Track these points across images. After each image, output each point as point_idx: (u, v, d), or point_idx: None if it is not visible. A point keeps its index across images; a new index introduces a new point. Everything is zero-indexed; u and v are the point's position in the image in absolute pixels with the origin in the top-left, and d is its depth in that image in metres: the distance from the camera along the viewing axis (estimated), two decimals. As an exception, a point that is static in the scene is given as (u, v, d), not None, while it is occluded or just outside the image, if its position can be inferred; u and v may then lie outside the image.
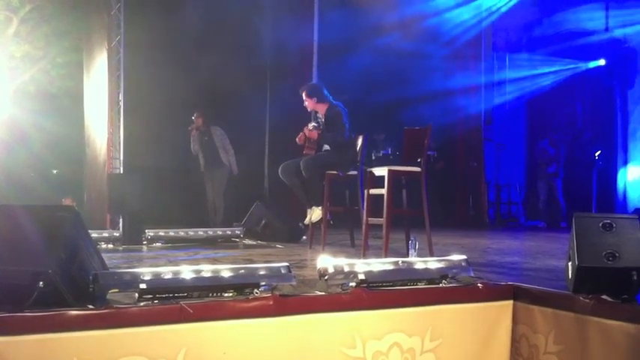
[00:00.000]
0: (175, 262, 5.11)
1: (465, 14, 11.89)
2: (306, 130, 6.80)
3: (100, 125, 9.45)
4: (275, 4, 10.43)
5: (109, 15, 9.32)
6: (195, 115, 9.65)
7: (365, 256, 5.46)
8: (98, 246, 4.46)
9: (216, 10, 10.55)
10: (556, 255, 5.84)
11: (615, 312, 3.09)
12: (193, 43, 10.44)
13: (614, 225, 3.30)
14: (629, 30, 12.05)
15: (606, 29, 12.18)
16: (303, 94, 6.83)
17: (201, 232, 7.59)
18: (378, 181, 5.67)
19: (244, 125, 10.82)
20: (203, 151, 9.72)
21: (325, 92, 6.84)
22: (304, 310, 3.25)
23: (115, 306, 2.92)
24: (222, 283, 3.21)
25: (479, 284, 3.71)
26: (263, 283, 3.28)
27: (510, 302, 3.69)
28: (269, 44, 11.15)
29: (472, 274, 3.82)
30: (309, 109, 6.93)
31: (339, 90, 7.55)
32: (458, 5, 11.73)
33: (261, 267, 3.38)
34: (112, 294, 3.07)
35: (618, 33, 12.20)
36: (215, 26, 10.62)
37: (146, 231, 7.22)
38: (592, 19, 12.25)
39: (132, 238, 7.16)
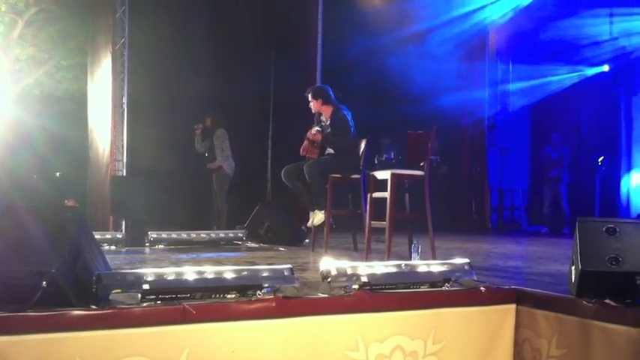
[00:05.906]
0: (178, 264, 5.12)
1: (470, 20, 11.91)
2: (309, 134, 6.83)
3: (104, 128, 9.46)
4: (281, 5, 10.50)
5: (113, 18, 9.34)
6: (207, 117, 9.69)
7: (368, 259, 5.45)
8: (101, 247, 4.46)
9: (221, 12, 10.58)
10: (559, 260, 5.83)
11: (618, 316, 3.08)
12: (198, 46, 10.46)
13: (618, 229, 3.30)
14: (633, 38, 12.04)
15: (610, 36, 12.16)
16: (309, 96, 6.88)
17: (203, 234, 7.59)
18: (381, 185, 5.67)
19: (247, 128, 10.84)
20: (207, 153, 9.75)
21: (331, 95, 6.85)
22: (307, 312, 3.24)
23: (117, 306, 2.92)
24: (225, 285, 3.21)
25: (482, 288, 3.70)
26: (266, 285, 3.27)
27: (513, 306, 3.68)
28: (274, 47, 11.18)
29: (475, 278, 3.81)
30: (313, 111, 6.94)
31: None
32: (463, 11, 11.74)
33: (264, 269, 3.37)
34: (115, 294, 3.06)
35: (623, 40, 12.19)
36: (219, 29, 10.65)
37: (149, 233, 7.22)
38: (596, 25, 12.22)
39: (134, 240, 7.17)
